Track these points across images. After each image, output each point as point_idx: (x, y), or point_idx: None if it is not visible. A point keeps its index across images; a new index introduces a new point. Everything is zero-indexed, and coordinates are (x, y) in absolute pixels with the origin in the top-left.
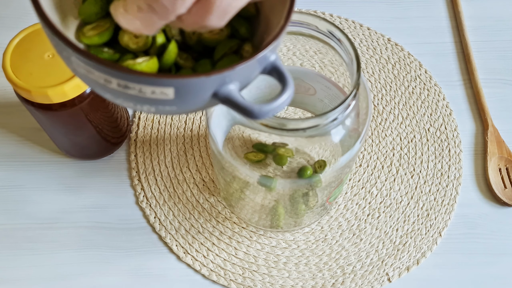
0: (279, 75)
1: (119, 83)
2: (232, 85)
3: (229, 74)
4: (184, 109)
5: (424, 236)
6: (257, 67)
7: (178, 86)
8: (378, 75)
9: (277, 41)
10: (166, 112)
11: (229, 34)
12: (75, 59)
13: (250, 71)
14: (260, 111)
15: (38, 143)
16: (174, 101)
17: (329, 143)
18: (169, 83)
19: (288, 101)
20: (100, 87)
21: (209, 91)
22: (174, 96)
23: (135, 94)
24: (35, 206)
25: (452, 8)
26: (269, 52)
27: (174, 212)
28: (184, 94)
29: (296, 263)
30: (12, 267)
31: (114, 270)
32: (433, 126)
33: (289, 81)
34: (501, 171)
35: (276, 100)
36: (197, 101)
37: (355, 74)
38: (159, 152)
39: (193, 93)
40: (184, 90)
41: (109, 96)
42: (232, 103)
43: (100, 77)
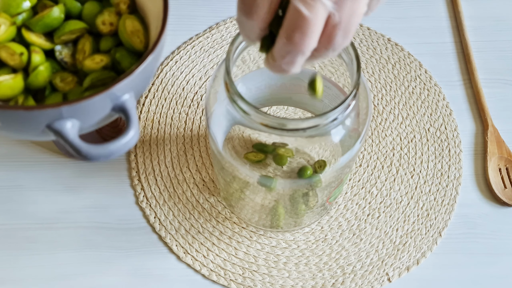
0: (126, 116)
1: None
2: (68, 122)
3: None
4: (17, 137)
5: (424, 236)
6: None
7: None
8: (378, 75)
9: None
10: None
11: (109, 66)
12: None
13: (92, 109)
14: (90, 154)
15: (38, 143)
16: (3, 127)
17: (329, 143)
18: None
19: (127, 147)
20: None
21: (40, 123)
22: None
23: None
24: (35, 206)
25: (452, 8)
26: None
27: (174, 212)
28: (9, 123)
29: (296, 263)
30: (12, 267)
31: (114, 270)
32: (433, 126)
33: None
34: (501, 171)
35: (111, 144)
36: (32, 131)
37: (355, 74)
38: (159, 152)
39: (20, 123)
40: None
41: None
42: (63, 138)
43: None
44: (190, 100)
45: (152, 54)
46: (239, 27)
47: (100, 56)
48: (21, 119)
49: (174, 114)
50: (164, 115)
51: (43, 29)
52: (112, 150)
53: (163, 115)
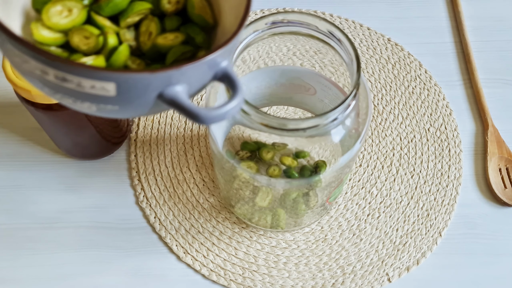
0: (230, 82)
1: (56, 74)
2: (179, 86)
3: (175, 74)
4: (128, 110)
5: (424, 236)
6: (206, 70)
7: (120, 81)
8: (378, 75)
9: (229, 46)
10: (108, 112)
11: (183, 41)
12: (10, 46)
13: (198, 74)
14: (206, 116)
15: (39, 143)
16: (116, 100)
17: (329, 143)
18: (110, 76)
19: (237, 109)
20: (38, 79)
21: (154, 91)
22: (115, 93)
23: (74, 88)
24: (35, 206)
25: (452, 8)
26: (219, 56)
27: (174, 212)
28: (126, 92)
29: (296, 263)
30: (12, 267)
31: (114, 270)
32: (433, 126)
33: (239, 90)
34: (501, 171)
35: (224, 106)
36: (141, 101)
37: (355, 74)
38: (159, 152)
39: (136, 92)
40: (126, 86)
41: (48, 90)
42: (178, 105)
43: (36, 68)
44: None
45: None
46: None
47: (173, 34)
48: (140, 85)
49: (174, 114)
50: (164, 115)
51: (111, 11)
52: (225, 111)
53: (163, 115)
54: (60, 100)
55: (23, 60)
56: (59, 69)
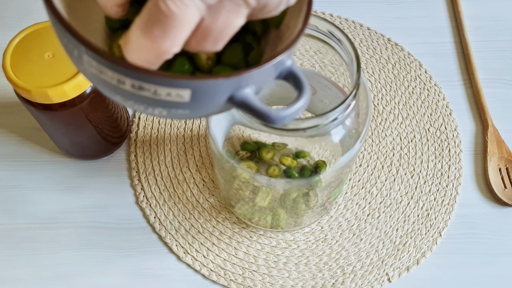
0: (295, 81)
1: (133, 84)
2: (248, 89)
3: (246, 77)
4: (197, 113)
5: (424, 236)
6: (274, 71)
7: (196, 88)
8: (378, 75)
9: (295, 46)
10: (178, 115)
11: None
12: (87, 57)
13: (267, 75)
14: (277, 117)
15: (38, 143)
16: (189, 104)
17: (329, 143)
18: (187, 84)
19: (305, 107)
20: (112, 88)
21: (225, 94)
22: (189, 99)
23: (149, 96)
24: (35, 206)
25: (452, 8)
26: (286, 56)
27: (174, 212)
28: (200, 97)
29: (296, 263)
30: (12, 267)
31: (114, 270)
32: (433, 126)
33: (306, 87)
34: (501, 171)
35: (292, 106)
36: (212, 105)
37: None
38: (159, 152)
39: (210, 96)
40: (201, 92)
41: (119, 98)
42: (248, 107)
43: (113, 78)
44: None
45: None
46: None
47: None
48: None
49: None
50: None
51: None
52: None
53: None
54: (131, 106)
55: (100, 71)
56: (137, 78)
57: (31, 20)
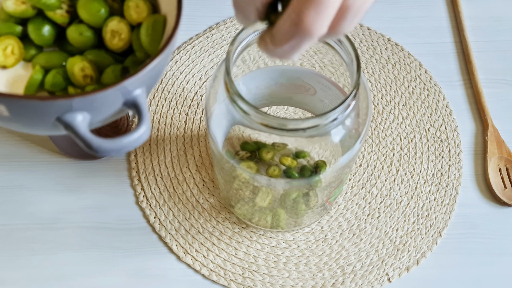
0: (137, 111)
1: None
2: (79, 114)
3: (67, 103)
4: (29, 129)
5: (424, 236)
6: (112, 99)
7: (8, 104)
8: (378, 75)
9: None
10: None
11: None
12: None
13: (102, 103)
14: (100, 147)
15: (38, 143)
16: (12, 119)
17: (329, 143)
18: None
19: (138, 142)
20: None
21: (50, 116)
22: (9, 114)
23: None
24: (35, 206)
25: (452, 8)
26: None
27: (174, 212)
28: (19, 114)
29: (296, 263)
30: (12, 267)
31: (114, 270)
32: (433, 126)
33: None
34: (501, 171)
35: (119, 139)
36: (39, 123)
37: (355, 74)
38: (159, 152)
39: (30, 115)
40: (17, 109)
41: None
42: (73, 132)
43: None
44: (190, 100)
45: (165, 50)
46: (234, 7)
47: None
48: (32, 110)
49: (174, 114)
50: (164, 115)
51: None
52: (124, 144)
53: (163, 115)
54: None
55: None
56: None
57: None
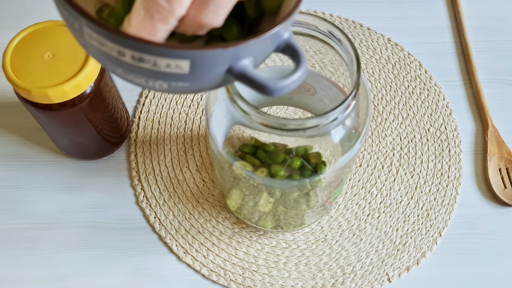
0: (293, 53)
1: (133, 55)
2: (246, 60)
3: (244, 48)
4: (197, 86)
5: (424, 236)
6: (271, 43)
7: (194, 58)
8: (378, 75)
9: (292, 17)
10: (178, 89)
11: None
12: (88, 29)
13: (264, 47)
14: (275, 87)
15: (38, 143)
16: (189, 76)
17: (329, 143)
18: (185, 55)
19: (302, 78)
20: (113, 61)
21: (224, 65)
22: (189, 70)
23: (149, 68)
24: (35, 206)
25: (452, 8)
26: (283, 28)
27: (174, 212)
28: (199, 68)
29: (296, 263)
30: (12, 267)
31: (114, 270)
32: (433, 126)
33: (303, 58)
34: (501, 171)
35: (290, 76)
36: (211, 76)
37: (355, 74)
38: (159, 152)
39: (209, 67)
40: (200, 63)
41: (121, 71)
42: (247, 78)
43: (113, 49)
44: (190, 100)
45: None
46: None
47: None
48: (212, 61)
49: (174, 114)
50: (164, 115)
51: None
52: (293, 81)
53: (163, 115)
54: (131, 80)
55: (100, 43)
56: (136, 49)
57: (31, 20)
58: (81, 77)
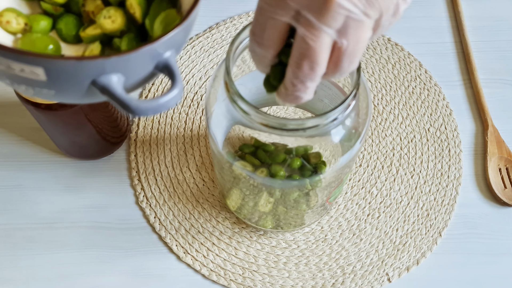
0: (170, 73)
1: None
2: (113, 76)
3: (104, 63)
4: (64, 95)
5: (424, 236)
6: (145, 61)
7: (47, 66)
8: (378, 75)
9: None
10: (48, 96)
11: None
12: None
13: (135, 64)
14: (138, 107)
15: (38, 143)
16: (49, 84)
17: (329, 143)
18: (36, 61)
19: (172, 103)
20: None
21: (86, 78)
22: (46, 78)
23: (5, 70)
24: (35, 206)
25: (452, 8)
26: (151, 49)
27: (174, 212)
28: (56, 76)
29: (296, 263)
30: (12, 267)
31: (114, 270)
32: (433, 126)
33: (178, 80)
34: (501, 171)
35: (158, 99)
36: (75, 87)
37: (355, 74)
38: (159, 152)
39: (67, 77)
40: (55, 72)
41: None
42: (110, 94)
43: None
44: (190, 100)
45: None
46: (251, 55)
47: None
48: (69, 72)
49: (174, 114)
50: (164, 115)
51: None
52: (159, 104)
53: (163, 115)
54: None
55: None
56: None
57: None
58: None
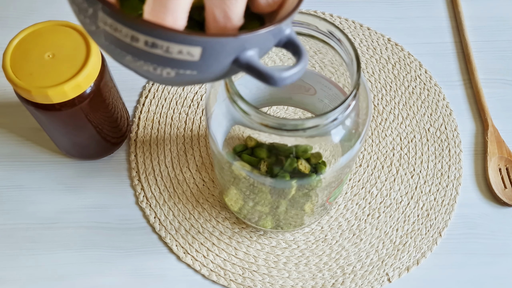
0: (294, 48)
1: (146, 40)
2: (252, 51)
3: (252, 38)
4: (204, 75)
5: (424, 236)
6: (274, 37)
7: (206, 45)
8: (378, 75)
9: (293, 15)
10: (185, 77)
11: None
12: (103, 15)
13: (267, 40)
14: (280, 77)
15: (38, 143)
16: (198, 64)
17: (329, 143)
18: (199, 41)
19: (303, 71)
20: (123, 47)
21: (232, 55)
22: (199, 58)
23: (161, 54)
24: (35, 206)
25: (452, 8)
26: (284, 24)
27: (174, 212)
28: (209, 56)
29: (296, 263)
30: (12, 267)
31: (114, 270)
32: (433, 126)
33: (304, 52)
34: (501, 171)
35: (292, 68)
36: (219, 66)
37: (355, 74)
38: (159, 152)
39: (218, 55)
40: (211, 50)
41: (129, 58)
42: (253, 69)
43: (127, 35)
44: (190, 100)
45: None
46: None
47: None
48: (223, 49)
49: (174, 114)
50: (164, 115)
51: None
52: (295, 73)
53: (163, 115)
54: (138, 68)
55: (114, 29)
56: (151, 34)
57: (31, 20)
58: (81, 77)
